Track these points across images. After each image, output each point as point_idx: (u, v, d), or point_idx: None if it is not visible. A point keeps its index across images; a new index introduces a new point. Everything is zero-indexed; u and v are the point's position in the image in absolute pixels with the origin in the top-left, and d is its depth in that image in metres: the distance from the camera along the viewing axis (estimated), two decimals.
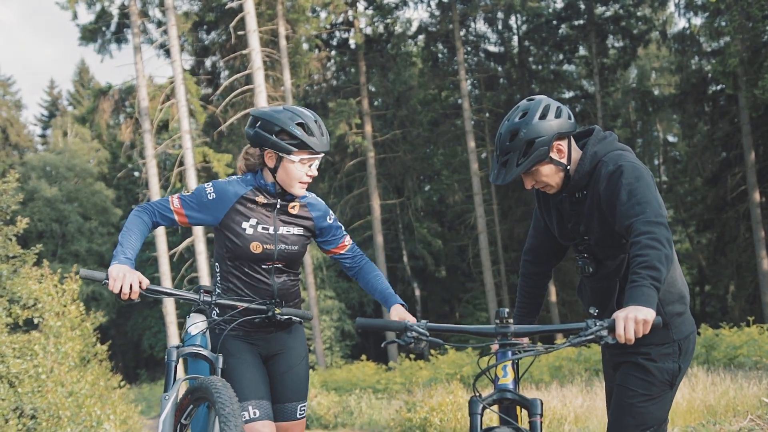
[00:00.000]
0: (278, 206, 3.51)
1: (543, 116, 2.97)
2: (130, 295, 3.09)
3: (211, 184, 3.49)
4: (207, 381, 3.02)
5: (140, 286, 3.11)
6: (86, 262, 35.85)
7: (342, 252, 3.73)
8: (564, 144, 3.02)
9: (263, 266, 3.49)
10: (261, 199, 3.48)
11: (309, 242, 3.63)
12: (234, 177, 3.55)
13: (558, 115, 2.99)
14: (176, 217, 3.42)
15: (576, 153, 3.07)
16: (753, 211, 24.14)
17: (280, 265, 3.52)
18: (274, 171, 3.44)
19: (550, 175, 3.04)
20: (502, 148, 3.01)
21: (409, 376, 17.29)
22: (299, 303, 3.68)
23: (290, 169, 3.39)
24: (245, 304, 3.37)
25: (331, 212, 3.71)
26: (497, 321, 2.73)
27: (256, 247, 3.44)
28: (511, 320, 2.72)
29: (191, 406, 3.18)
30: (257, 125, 3.40)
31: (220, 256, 3.53)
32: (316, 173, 3.46)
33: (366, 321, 2.86)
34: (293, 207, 3.55)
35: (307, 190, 3.56)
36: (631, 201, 2.83)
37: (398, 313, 3.46)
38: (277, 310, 3.39)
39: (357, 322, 2.87)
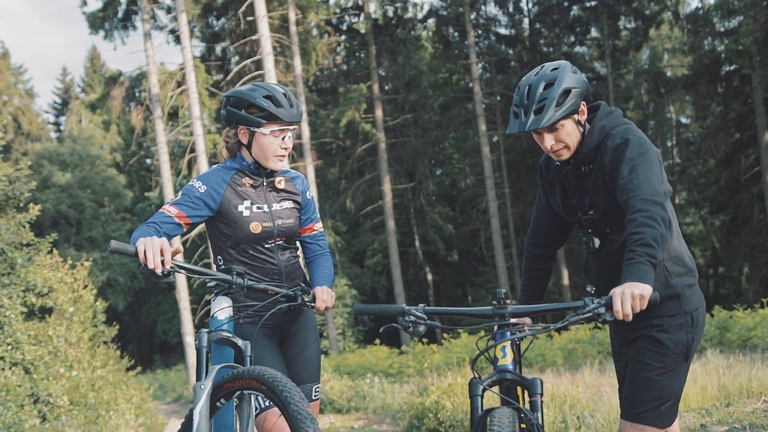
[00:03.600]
0: (265, 183, 3.53)
1: (575, 72, 3.00)
2: (162, 264, 2.94)
3: (196, 179, 3.47)
4: (262, 371, 2.80)
5: (170, 256, 2.97)
6: (102, 248, 36.05)
7: (308, 235, 3.72)
8: (585, 107, 3.03)
9: (266, 245, 3.49)
10: (247, 180, 3.50)
11: (300, 216, 3.64)
12: (214, 167, 3.55)
13: (585, 78, 3.02)
14: (180, 222, 3.34)
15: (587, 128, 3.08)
16: (767, 193, 23.99)
17: (281, 242, 3.53)
18: (249, 147, 3.46)
19: (571, 133, 3.00)
20: (538, 94, 2.94)
21: (421, 360, 17.33)
22: (303, 278, 3.68)
23: (263, 142, 3.40)
24: (279, 289, 3.32)
25: (310, 190, 3.73)
26: (494, 302, 2.73)
27: (255, 227, 3.44)
28: (508, 301, 2.72)
29: (238, 392, 2.93)
30: (229, 104, 3.44)
31: (220, 247, 3.50)
32: (290, 145, 3.46)
33: (363, 306, 2.87)
34: (279, 182, 3.58)
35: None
36: (630, 176, 2.84)
37: (317, 292, 3.46)
38: (306, 298, 3.37)
39: (354, 308, 2.87)
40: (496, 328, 2.77)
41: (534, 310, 2.77)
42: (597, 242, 3.11)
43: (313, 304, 3.41)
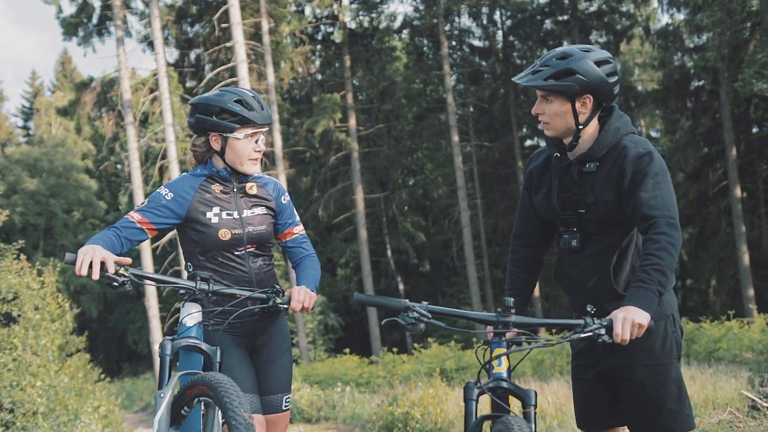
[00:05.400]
0: (235, 189, 3.49)
1: (599, 63, 2.92)
2: (99, 272, 2.97)
3: (164, 186, 3.45)
4: (210, 377, 2.83)
5: (112, 266, 2.99)
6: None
7: (287, 240, 3.63)
8: (591, 102, 2.94)
9: (236, 252, 3.45)
10: (217, 186, 3.46)
11: (274, 222, 3.59)
12: (184, 174, 3.52)
13: (609, 76, 2.93)
14: (144, 228, 3.34)
15: (593, 125, 3.00)
16: (734, 207, 24.34)
17: (252, 249, 3.48)
18: (222, 154, 3.41)
19: (560, 115, 2.95)
20: (546, 59, 2.94)
21: (391, 370, 17.31)
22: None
23: (237, 147, 3.37)
24: (246, 293, 3.23)
25: (286, 194, 3.65)
26: (499, 309, 2.69)
27: (224, 234, 3.40)
28: (514, 310, 2.69)
29: (196, 399, 2.95)
30: (197, 112, 3.40)
31: (190, 253, 3.47)
32: (263, 148, 3.44)
33: (364, 297, 2.80)
34: (251, 188, 3.52)
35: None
36: (655, 193, 2.83)
37: (293, 292, 3.34)
38: (278, 300, 3.24)
39: (355, 297, 2.80)
40: (491, 335, 2.73)
41: (536, 323, 2.76)
42: (579, 242, 3.05)
43: (286, 306, 3.28)
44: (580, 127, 2.97)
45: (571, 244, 3.06)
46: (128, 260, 3.08)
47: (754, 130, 27.53)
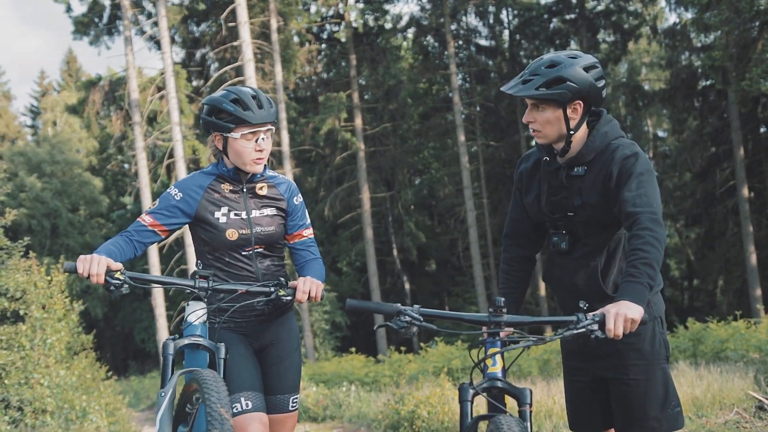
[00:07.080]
0: (245, 190, 3.49)
1: (587, 69, 2.97)
2: (97, 278, 3.03)
3: (173, 186, 3.48)
4: (198, 373, 2.91)
5: (104, 271, 3.05)
6: (79, 254, 35.61)
7: (295, 241, 3.61)
8: (581, 108, 2.98)
9: (243, 253, 3.45)
10: (226, 186, 3.47)
11: (284, 222, 3.58)
12: (195, 172, 3.56)
13: (597, 80, 2.98)
14: (156, 230, 3.40)
15: (582, 130, 3.04)
16: (741, 206, 24.27)
17: (260, 249, 3.49)
18: (226, 153, 3.44)
19: (552, 122, 2.97)
20: (534, 68, 2.97)
21: (397, 369, 17.30)
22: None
23: (236, 146, 3.38)
24: (245, 288, 3.25)
25: (299, 195, 3.64)
26: (491, 309, 2.70)
27: (231, 234, 3.41)
28: (505, 310, 2.70)
29: (194, 396, 3.03)
30: (203, 112, 3.45)
31: (200, 251, 3.50)
32: (267, 147, 3.42)
33: (357, 303, 2.81)
34: (261, 188, 3.52)
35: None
36: (639, 191, 2.85)
37: (298, 282, 3.33)
38: (281, 292, 3.24)
39: (347, 304, 2.82)
40: (485, 335, 2.74)
41: (529, 321, 2.77)
42: (567, 244, 3.08)
43: (290, 297, 3.28)
44: (571, 132, 3.00)
45: (560, 246, 3.10)
46: (119, 265, 3.12)
47: (762, 129, 27.43)
